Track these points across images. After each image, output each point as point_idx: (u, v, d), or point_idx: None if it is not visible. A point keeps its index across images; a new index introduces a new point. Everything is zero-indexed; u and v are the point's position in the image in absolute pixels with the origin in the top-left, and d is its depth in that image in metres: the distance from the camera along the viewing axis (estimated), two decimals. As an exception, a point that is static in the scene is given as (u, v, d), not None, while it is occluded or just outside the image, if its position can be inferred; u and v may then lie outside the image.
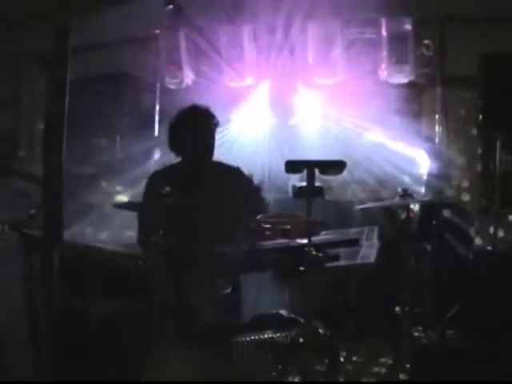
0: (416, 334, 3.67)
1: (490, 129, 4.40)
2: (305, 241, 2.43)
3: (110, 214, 4.49)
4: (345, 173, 2.58)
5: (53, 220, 2.46)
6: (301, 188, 2.45)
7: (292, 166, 2.51)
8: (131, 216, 3.20)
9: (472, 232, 4.43)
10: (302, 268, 2.42)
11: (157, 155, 5.50)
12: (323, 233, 2.78)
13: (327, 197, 4.24)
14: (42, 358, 2.59)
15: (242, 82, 5.04)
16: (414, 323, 3.40)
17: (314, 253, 2.41)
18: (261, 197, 3.24)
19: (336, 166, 2.54)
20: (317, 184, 2.42)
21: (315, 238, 2.53)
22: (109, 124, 5.39)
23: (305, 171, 2.42)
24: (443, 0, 4.29)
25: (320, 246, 2.50)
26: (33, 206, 3.04)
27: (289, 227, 2.57)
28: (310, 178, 2.42)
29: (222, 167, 3.24)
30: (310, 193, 2.42)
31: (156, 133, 5.57)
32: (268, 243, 2.68)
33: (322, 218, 2.59)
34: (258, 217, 2.67)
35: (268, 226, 2.60)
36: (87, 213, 4.82)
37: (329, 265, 2.55)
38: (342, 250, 2.70)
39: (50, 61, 2.49)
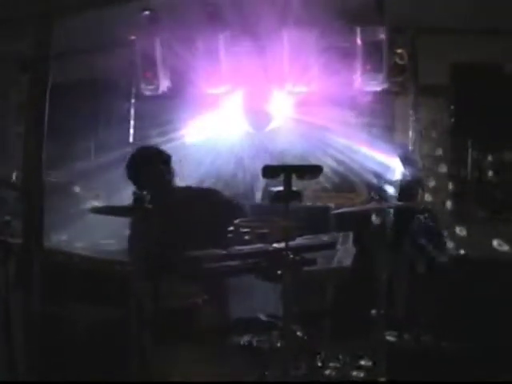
0: (391, 337, 3.71)
1: (461, 135, 4.52)
2: (282, 245, 2.46)
3: (85, 220, 4.43)
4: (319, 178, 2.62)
5: (32, 226, 2.42)
6: (278, 192, 2.48)
7: (269, 171, 2.53)
8: (106, 223, 3.18)
9: (445, 236, 4.51)
10: (279, 272, 2.45)
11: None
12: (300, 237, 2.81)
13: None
14: (19, 364, 2.55)
15: (218, 89, 5.05)
16: (389, 327, 3.44)
17: (292, 256, 2.44)
18: (236, 203, 3.30)
19: (312, 171, 2.58)
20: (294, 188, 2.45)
21: (292, 242, 2.55)
22: (83, 129, 5.35)
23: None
24: (416, 11, 4.39)
25: (297, 250, 2.53)
26: (8, 213, 2.99)
27: (266, 231, 2.60)
28: (287, 183, 2.45)
29: (190, 190, 3.39)
30: (287, 197, 2.45)
31: (131, 139, 5.56)
32: (246, 247, 2.70)
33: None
34: (236, 221, 2.69)
35: (246, 230, 2.62)
36: (61, 219, 4.75)
37: (306, 268, 2.58)
38: (318, 254, 2.73)
39: (30, 64, 2.46)
